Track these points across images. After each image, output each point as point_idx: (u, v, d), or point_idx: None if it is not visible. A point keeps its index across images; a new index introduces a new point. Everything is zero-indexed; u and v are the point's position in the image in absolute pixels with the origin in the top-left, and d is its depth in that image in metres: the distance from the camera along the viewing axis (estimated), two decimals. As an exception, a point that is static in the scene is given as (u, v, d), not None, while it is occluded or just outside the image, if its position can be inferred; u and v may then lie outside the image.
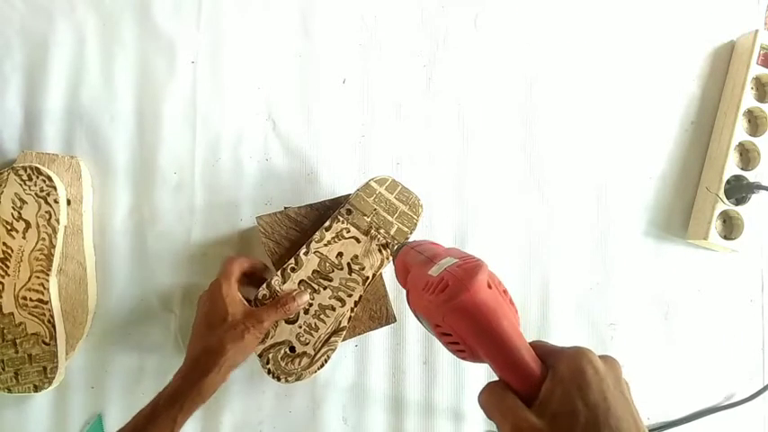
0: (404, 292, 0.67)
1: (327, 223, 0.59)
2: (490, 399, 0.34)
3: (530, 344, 0.35)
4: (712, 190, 0.70)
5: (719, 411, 0.70)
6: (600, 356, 0.34)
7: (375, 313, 0.62)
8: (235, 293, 0.54)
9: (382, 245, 0.59)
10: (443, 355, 0.67)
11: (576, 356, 0.33)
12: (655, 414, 0.70)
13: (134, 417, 0.48)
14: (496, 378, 0.34)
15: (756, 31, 0.71)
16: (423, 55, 0.71)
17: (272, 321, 0.54)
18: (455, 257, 0.39)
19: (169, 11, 0.67)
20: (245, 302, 0.54)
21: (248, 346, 0.52)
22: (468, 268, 0.37)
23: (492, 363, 0.34)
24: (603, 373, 0.32)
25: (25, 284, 0.57)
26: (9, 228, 0.57)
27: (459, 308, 0.35)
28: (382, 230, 0.59)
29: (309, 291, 0.57)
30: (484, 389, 0.35)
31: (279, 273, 0.57)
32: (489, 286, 0.36)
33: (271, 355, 0.56)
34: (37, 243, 0.58)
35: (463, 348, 0.36)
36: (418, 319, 0.41)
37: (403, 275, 0.43)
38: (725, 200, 0.69)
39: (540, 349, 0.35)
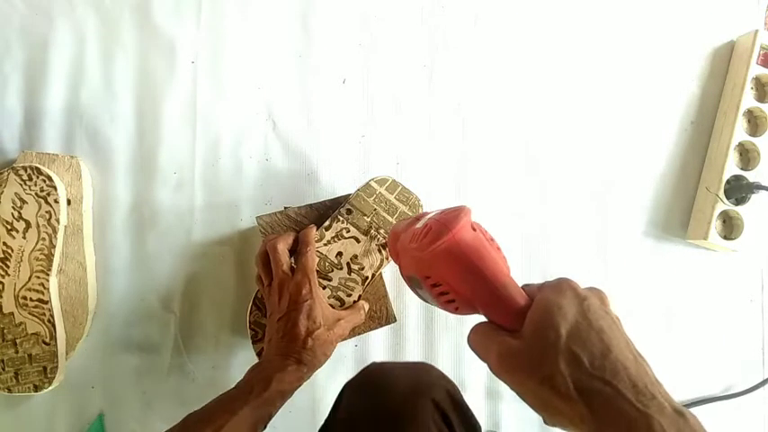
0: (404, 292, 0.67)
1: (327, 223, 0.59)
2: (476, 337, 0.35)
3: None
4: (712, 190, 0.70)
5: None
6: (586, 288, 0.34)
7: (375, 313, 0.62)
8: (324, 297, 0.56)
9: (382, 245, 0.59)
10: (443, 354, 0.67)
11: (557, 283, 0.34)
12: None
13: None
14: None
15: (756, 31, 0.71)
16: (423, 55, 0.71)
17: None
18: (440, 210, 0.40)
19: (169, 11, 0.67)
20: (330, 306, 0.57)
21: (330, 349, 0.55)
22: (450, 213, 0.37)
23: (478, 302, 0.35)
24: (585, 294, 0.33)
25: (25, 284, 0.57)
26: (9, 228, 0.57)
27: (442, 249, 0.35)
28: (382, 230, 0.59)
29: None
30: (471, 330, 0.35)
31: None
32: (474, 229, 0.36)
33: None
34: (37, 243, 0.58)
35: (453, 298, 0.36)
36: (415, 289, 0.41)
37: (394, 246, 0.43)
38: (725, 200, 0.69)
39: (528, 289, 0.35)
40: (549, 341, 0.30)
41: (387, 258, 0.59)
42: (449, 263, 0.35)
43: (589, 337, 0.30)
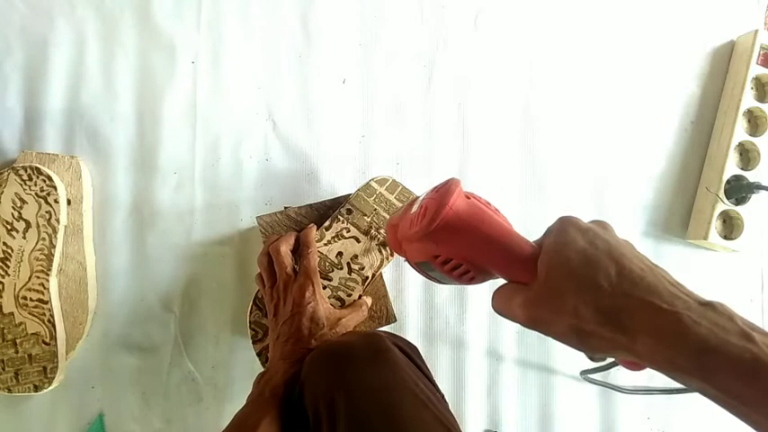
0: (404, 292, 0.67)
1: (327, 223, 0.59)
2: (498, 300, 0.35)
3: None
4: (712, 190, 0.70)
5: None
6: (589, 221, 0.34)
7: (375, 313, 0.62)
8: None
9: (382, 244, 0.59)
10: (443, 354, 0.67)
11: (559, 223, 0.34)
12: (655, 414, 0.70)
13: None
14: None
15: (756, 31, 0.71)
16: (423, 55, 0.71)
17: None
18: (430, 190, 0.40)
19: (169, 11, 0.67)
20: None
21: None
22: (441, 188, 0.38)
23: (491, 263, 0.35)
24: (588, 226, 0.33)
25: (25, 284, 0.57)
26: (9, 228, 0.57)
27: (443, 225, 0.36)
28: (382, 230, 0.59)
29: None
30: (492, 298, 0.36)
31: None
32: (468, 197, 0.37)
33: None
34: (37, 243, 0.58)
35: (468, 268, 0.36)
36: (426, 274, 0.41)
37: (394, 238, 0.42)
38: (725, 200, 0.69)
39: (536, 241, 0.36)
40: (563, 276, 0.31)
41: (387, 258, 0.59)
42: (453, 235, 0.36)
43: (600, 262, 0.30)
